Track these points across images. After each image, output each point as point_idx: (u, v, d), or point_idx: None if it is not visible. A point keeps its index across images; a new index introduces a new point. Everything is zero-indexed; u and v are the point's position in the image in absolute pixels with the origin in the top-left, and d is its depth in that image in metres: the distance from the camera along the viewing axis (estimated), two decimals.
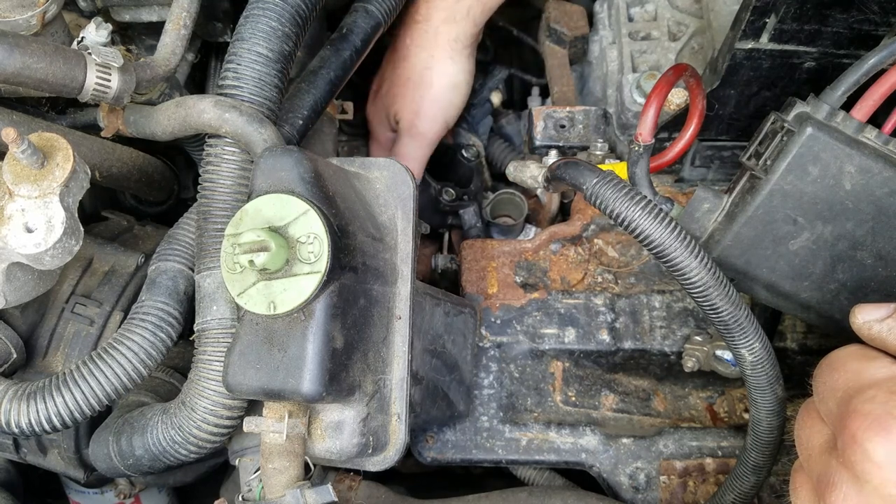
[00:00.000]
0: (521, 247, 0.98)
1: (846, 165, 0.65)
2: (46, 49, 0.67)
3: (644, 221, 0.64)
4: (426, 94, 1.03)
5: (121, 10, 0.91)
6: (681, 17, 1.04)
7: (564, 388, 0.94)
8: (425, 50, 1.01)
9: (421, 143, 1.05)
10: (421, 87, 1.03)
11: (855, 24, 0.71)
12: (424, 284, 0.80)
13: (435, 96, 1.02)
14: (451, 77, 1.02)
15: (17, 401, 0.69)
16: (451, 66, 1.02)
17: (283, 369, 0.62)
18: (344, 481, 0.83)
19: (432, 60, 1.01)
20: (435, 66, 1.02)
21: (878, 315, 0.53)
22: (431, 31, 1.00)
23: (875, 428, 0.45)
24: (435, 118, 1.04)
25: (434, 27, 1.00)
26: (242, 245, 0.59)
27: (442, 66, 1.01)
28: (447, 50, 1.00)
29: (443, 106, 1.03)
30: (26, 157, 0.63)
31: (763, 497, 0.86)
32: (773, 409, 0.70)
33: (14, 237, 0.64)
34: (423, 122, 1.04)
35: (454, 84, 1.03)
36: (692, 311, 0.93)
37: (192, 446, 0.73)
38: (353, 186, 0.71)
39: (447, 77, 1.02)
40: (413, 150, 1.05)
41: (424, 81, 1.02)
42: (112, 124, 0.80)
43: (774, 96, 0.81)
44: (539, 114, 0.97)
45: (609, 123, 1.00)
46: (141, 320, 0.73)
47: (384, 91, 1.08)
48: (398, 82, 1.04)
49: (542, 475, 0.95)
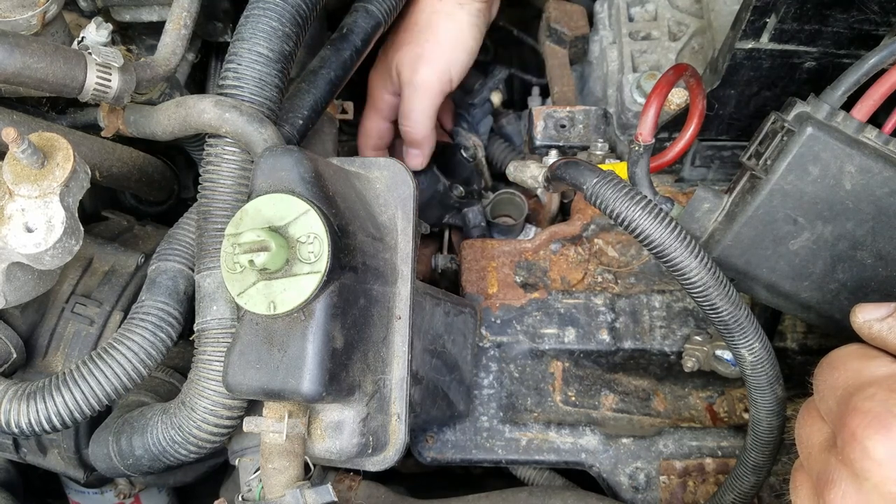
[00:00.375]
0: (521, 247, 0.98)
1: (846, 165, 0.65)
2: (47, 49, 0.67)
3: (644, 221, 0.64)
4: (430, 37, 0.96)
5: (121, 9, 0.91)
6: (681, 17, 1.04)
7: (564, 387, 0.94)
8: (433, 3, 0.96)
9: (424, 93, 0.98)
10: (427, 30, 0.96)
11: (855, 24, 0.71)
12: (424, 284, 0.80)
13: (440, 40, 0.96)
14: (457, 31, 0.96)
15: (17, 401, 0.69)
16: (458, 20, 0.95)
17: (283, 369, 0.62)
18: (344, 481, 0.83)
19: (440, 5, 0.95)
20: (442, 11, 0.95)
21: (878, 314, 0.53)
22: None
23: (875, 426, 0.45)
24: (438, 65, 0.96)
25: None
26: (242, 245, 0.59)
27: (449, 17, 0.95)
28: (455, 4, 0.95)
29: (447, 55, 0.96)
30: (26, 156, 0.63)
31: (763, 497, 0.86)
32: (773, 409, 0.70)
33: (14, 237, 0.64)
34: (426, 69, 0.96)
35: (460, 39, 0.96)
36: (692, 311, 0.93)
37: (191, 446, 0.73)
38: (353, 186, 0.71)
39: (454, 30, 0.95)
40: (416, 101, 0.98)
41: (431, 26, 0.96)
42: (112, 124, 0.80)
43: (774, 96, 0.81)
44: (539, 114, 0.97)
45: (609, 123, 1.00)
46: (141, 320, 0.73)
47: (387, 45, 1.02)
48: (401, 29, 0.98)
49: (541, 475, 0.95)
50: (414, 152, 1.03)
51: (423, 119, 0.99)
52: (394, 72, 1.00)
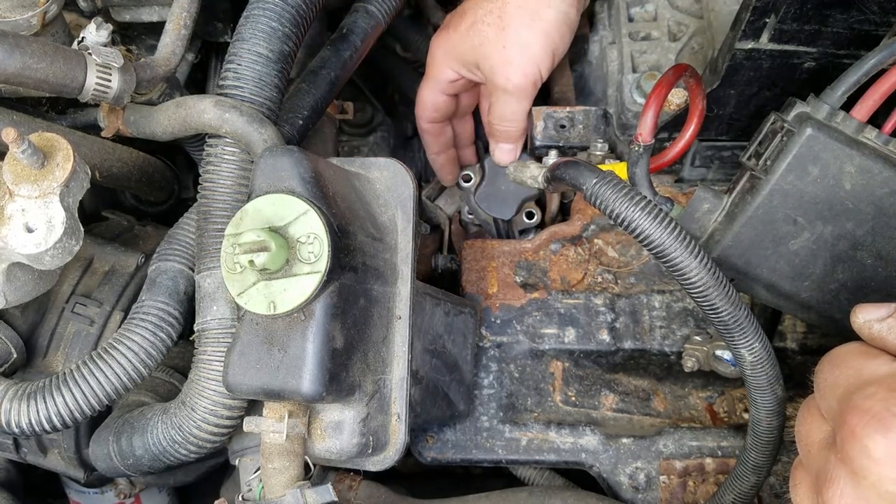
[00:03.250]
0: (521, 247, 0.98)
1: (846, 165, 0.65)
2: (47, 49, 0.67)
3: (644, 222, 0.64)
4: (517, 40, 0.89)
5: (121, 10, 0.91)
6: (681, 17, 1.04)
7: (564, 387, 0.94)
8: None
9: (520, 98, 0.92)
10: (512, 30, 0.89)
11: (855, 24, 0.71)
12: (424, 284, 0.80)
13: (528, 42, 0.89)
14: (544, 34, 0.89)
15: (17, 401, 0.69)
16: (545, 18, 0.88)
17: (284, 369, 0.62)
18: (344, 481, 0.83)
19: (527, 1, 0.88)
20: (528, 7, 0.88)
21: (878, 315, 0.53)
22: None
23: (874, 424, 0.45)
24: (529, 69, 0.90)
25: None
26: (242, 245, 0.59)
27: (536, 15, 0.88)
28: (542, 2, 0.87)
29: (537, 58, 0.89)
30: (27, 157, 0.63)
31: (763, 497, 0.86)
32: (773, 409, 0.70)
33: (14, 237, 0.64)
34: (518, 76, 0.90)
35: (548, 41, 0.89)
36: (692, 311, 0.93)
37: (192, 446, 0.73)
38: (353, 186, 0.71)
39: (541, 30, 0.89)
40: (512, 105, 0.93)
41: (517, 24, 0.88)
42: (112, 124, 0.80)
43: (774, 96, 0.81)
44: (539, 114, 0.97)
45: (609, 123, 1.00)
46: (141, 320, 0.73)
47: (462, 19, 0.93)
48: (487, 20, 0.90)
49: (541, 475, 0.95)
50: (507, 147, 0.98)
51: (519, 119, 0.95)
52: (473, 65, 0.94)
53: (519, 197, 1.03)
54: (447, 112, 1.03)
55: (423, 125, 1.04)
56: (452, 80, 0.98)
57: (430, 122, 1.03)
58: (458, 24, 0.93)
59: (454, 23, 0.94)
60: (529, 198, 1.03)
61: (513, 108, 0.94)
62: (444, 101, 1.01)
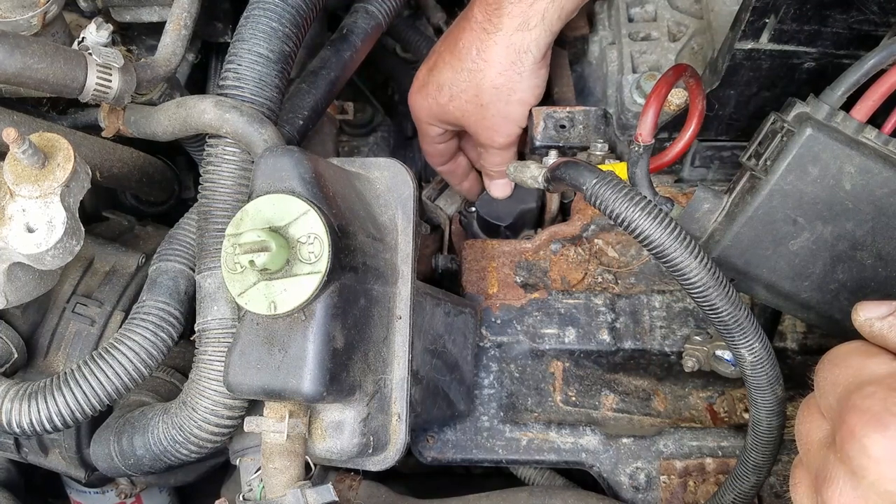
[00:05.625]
0: (522, 247, 0.98)
1: (846, 166, 0.65)
2: (47, 49, 0.67)
3: (644, 222, 0.64)
4: (495, 110, 0.94)
5: (121, 10, 0.91)
6: (681, 17, 1.04)
7: (564, 387, 0.94)
8: (493, 66, 0.91)
9: (506, 151, 1.00)
10: (489, 99, 0.93)
11: (855, 24, 0.71)
12: (425, 284, 0.80)
13: (506, 113, 0.95)
14: (518, 102, 0.94)
15: (18, 401, 0.69)
16: (519, 88, 0.93)
17: (284, 369, 0.62)
18: (344, 481, 0.83)
19: (503, 79, 0.92)
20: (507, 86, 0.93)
21: (879, 313, 0.53)
22: (502, 42, 0.89)
23: (873, 424, 0.45)
24: (510, 129, 0.97)
25: (506, 37, 0.89)
26: (243, 245, 0.59)
27: (513, 86, 0.93)
28: (517, 65, 0.91)
29: (516, 119, 0.96)
30: (27, 157, 0.63)
31: (763, 496, 0.86)
32: (773, 409, 0.70)
33: (15, 237, 0.64)
34: (501, 138, 0.97)
35: (523, 104, 0.95)
36: (692, 311, 0.93)
37: (192, 446, 0.73)
38: (353, 186, 0.71)
39: (516, 100, 0.94)
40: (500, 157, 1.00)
41: (494, 96, 0.93)
42: (113, 124, 0.80)
43: (774, 96, 0.81)
44: (539, 114, 0.97)
45: (609, 124, 1.00)
46: (142, 320, 0.74)
47: (439, 76, 0.96)
48: (464, 97, 0.94)
49: (542, 475, 0.95)
50: (501, 182, 1.04)
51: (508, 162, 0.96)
52: (457, 125, 1.00)
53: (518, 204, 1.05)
54: (452, 151, 1.08)
55: (439, 169, 1.10)
56: (441, 133, 1.03)
57: (442, 164, 1.09)
58: (436, 94, 0.96)
59: (432, 91, 0.97)
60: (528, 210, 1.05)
61: (501, 157, 1.00)
62: (444, 147, 1.06)
